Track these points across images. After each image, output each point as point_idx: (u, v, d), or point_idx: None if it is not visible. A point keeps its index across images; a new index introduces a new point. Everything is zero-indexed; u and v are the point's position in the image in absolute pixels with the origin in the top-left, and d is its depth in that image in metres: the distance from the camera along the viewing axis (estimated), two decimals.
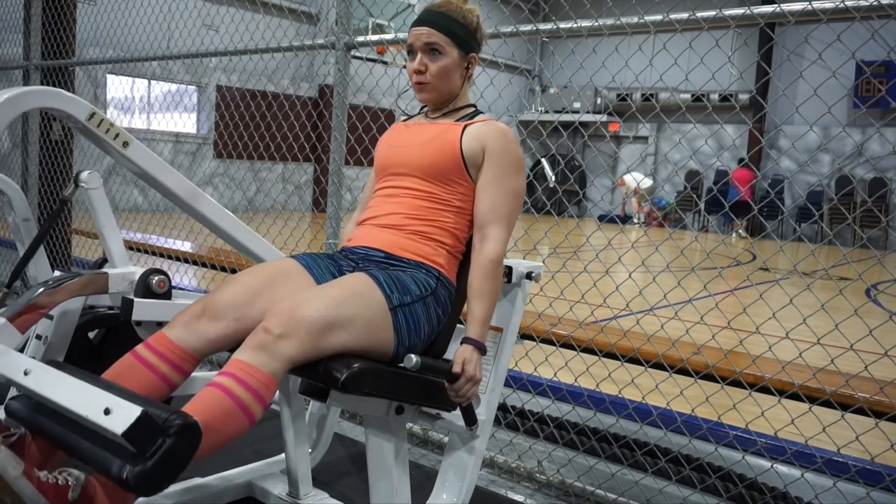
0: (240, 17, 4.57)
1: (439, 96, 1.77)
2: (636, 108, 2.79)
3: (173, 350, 1.48)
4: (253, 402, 1.33)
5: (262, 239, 2.21)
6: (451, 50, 1.72)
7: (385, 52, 5.51)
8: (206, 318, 1.50)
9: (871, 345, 2.02)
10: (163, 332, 1.51)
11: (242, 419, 1.33)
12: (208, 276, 5.33)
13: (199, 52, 3.61)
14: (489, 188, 1.69)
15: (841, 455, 2.08)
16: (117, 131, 1.91)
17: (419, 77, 1.74)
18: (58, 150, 4.85)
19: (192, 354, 1.50)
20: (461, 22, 1.73)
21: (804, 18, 1.90)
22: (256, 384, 1.34)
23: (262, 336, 1.38)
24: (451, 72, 1.74)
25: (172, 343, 1.49)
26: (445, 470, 1.82)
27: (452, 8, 1.74)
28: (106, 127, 1.89)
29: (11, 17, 5.25)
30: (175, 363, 1.48)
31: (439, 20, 1.72)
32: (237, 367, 1.35)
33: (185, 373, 1.51)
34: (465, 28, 1.73)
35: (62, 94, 1.83)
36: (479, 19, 1.78)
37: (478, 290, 1.62)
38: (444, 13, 1.73)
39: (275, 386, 1.37)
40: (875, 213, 12.78)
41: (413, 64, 1.74)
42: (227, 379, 1.33)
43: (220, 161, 13.61)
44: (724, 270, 8.15)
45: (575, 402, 2.57)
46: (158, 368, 1.46)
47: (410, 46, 1.75)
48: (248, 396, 1.33)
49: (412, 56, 1.75)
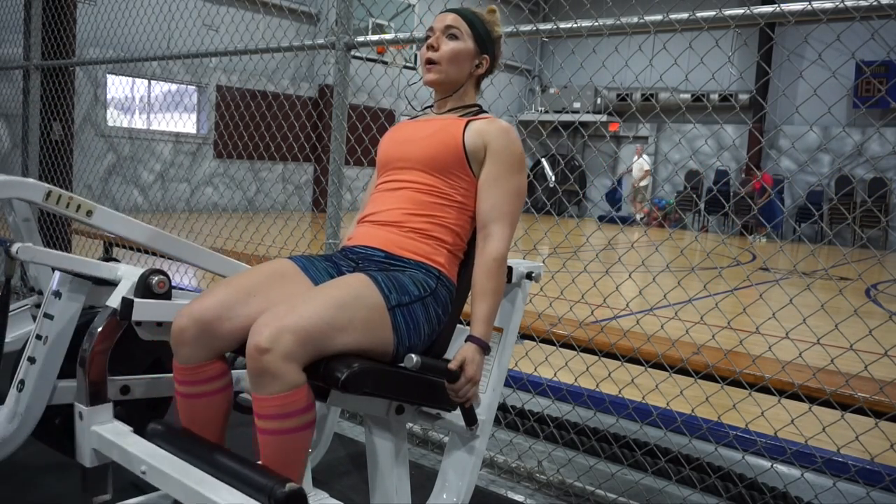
0: (240, 17, 4.57)
1: (446, 78, 1.78)
2: (636, 108, 2.79)
3: (192, 371, 1.54)
4: (296, 420, 1.40)
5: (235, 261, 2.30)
6: (468, 40, 1.78)
7: (385, 52, 5.51)
8: (194, 329, 1.50)
9: (871, 345, 2.02)
10: (175, 363, 1.56)
11: (303, 436, 1.43)
12: (208, 276, 5.33)
13: (199, 52, 3.61)
14: (492, 186, 1.69)
15: (841, 455, 2.08)
16: (78, 203, 1.97)
17: (430, 54, 1.77)
18: (58, 150, 4.85)
19: (207, 363, 1.54)
20: (485, 26, 1.81)
21: (804, 18, 1.90)
22: (286, 409, 1.38)
23: (255, 359, 1.36)
24: (462, 58, 1.77)
25: (188, 367, 1.54)
26: (445, 470, 1.82)
27: (479, 13, 1.83)
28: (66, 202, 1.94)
29: (11, 17, 5.25)
30: (203, 379, 1.55)
31: (466, 13, 1.80)
32: (261, 405, 1.39)
33: (225, 373, 1.58)
34: (486, 32, 1.81)
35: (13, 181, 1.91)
36: (500, 37, 1.85)
37: (481, 289, 1.62)
38: (472, 12, 1.82)
39: (301, 392, 1.39)
40: (875, 213, 12.78)
41: (430, 40, 1.78)
42: (264, 422, 1.40)
43: (220, 161, 13.61)
44: (723, 270, 8.15)
45: (575, 402, 2.57)
46: (201, 392, 1.55)
47: (431, 29, 1.81)
48: (290, 422, 1.40)
49: (427, 43, 1.80)
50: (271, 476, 1.36)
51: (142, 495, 1.88)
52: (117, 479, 1.78)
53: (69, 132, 4.92)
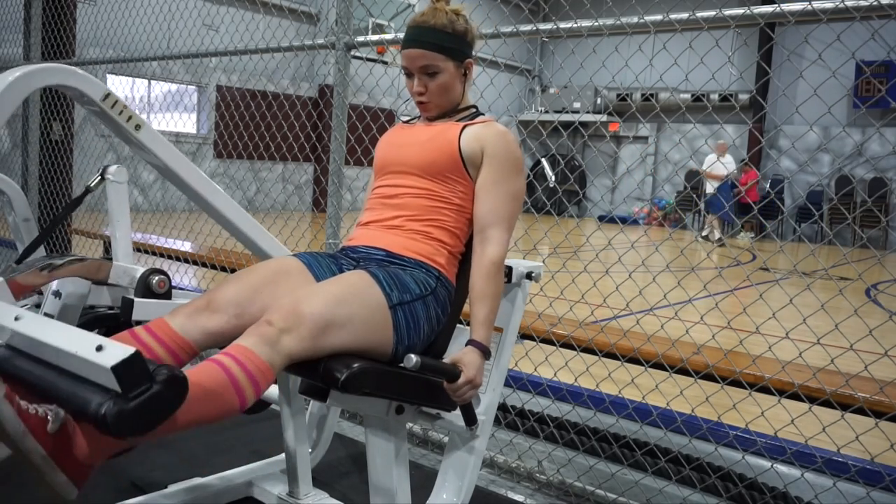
0: (240, 17, 4.57)
1: (443, 110, 1.78)
2: (636, 108, 2.79)
3: (172, 337, 1.47)
4: (248, 384, 1.32)
5: (269, 234, 2.18)
6: (446, 65, 1.72)
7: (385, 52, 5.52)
8: (209, 312, 1.50)
9: (871, 345, 2.02)
10: (164, 319, 1.49)
11: (234, 398, 1.30)
12: (208, 276, 5.33)
13: (199, 52, 3.61)
14: (489, 190, 1.69)
15: (841, 455, 2.08)
16: (130, 114, 1.89)
17: (421, 98, 1.75)
18: (58, 150, 4.85)
19: (189, 345, 1.48)
20: (450, 32, 1.71)
21: (804, 18, 1.90)
22: (254, 369, 1.33)
23: (264, 328, 1.38)
24: (450, 86, 1.75)
25: (172, 330, 1.48)
26: (445, 470, 1.83)
27: (438, 18, 1.71)
28: (119, 108, 1.87)
29: (11, 17, 5.25)
30: (172, 350, 1.46)
31: (428, 37, 1.70)
32: (238, 350, 1.34)
33: (181, 362, 1.49)
34: (454, 37, 1.71)
35: (77, 72, 1.78)
36: (466, 21, 1.75)
37: (480, 293, 1.62)
38: (431, 28, 1.70)
39: (271, 376, 1.36)
40: (875, 213, 12.78)
41: (413, 86, 1.75)
42: (226, 358, 1.32)
43: (220, 161, 13.61)
44: (723, 270, 8.15)
45: (575, 402, 2.57)
46: (155, 351, 1.44)
47: (406, 69, 1.76)
48: (244, 378, 1.31)
49: (409, 78, 1.76)
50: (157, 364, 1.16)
51: (142, 495, 1.88)
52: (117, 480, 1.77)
53: (69, 132, 4.93)
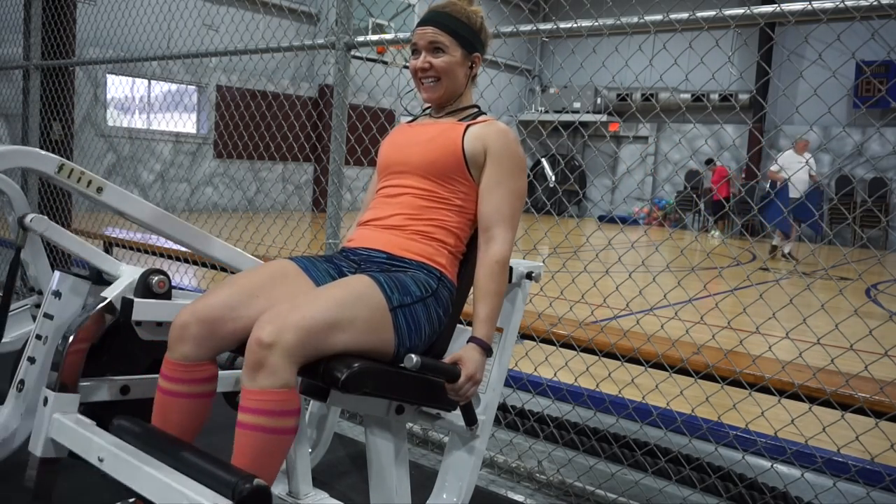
0: (240, 17, 4.57)
1: (444, 93, 1.77)
2: (636, 108, 2.79)
3: (186, 369, 1.52)
4: (282, 421, 1.38)
5: (239, 251, 2.23)
6: (454, 49, 1.74)
7: (385, 52, 5.50)
8: (197, 327, 1.50)
9: (871, 345, 2.02)
10: (167, 358, 1.54)
11: (284, 440, 1.40)
12: (208, 276, 5.33)
13: (199, 52, 3.61)
14: (493, 190, 1.70)
15: (841, 455, 2.08)
16: (89, 178, 1.95)
17: (424, 73, 1.75)
18: (58, 150, 4.85)
19: (203, 363, 1.53)
20: (465, 22, 1.75)
21: (804, 18, 1.90)
22: (274, 406, 1.37)
23: (255, 352, 1.37)
24: (454, 69, 1.75)
25: (180, 365, 1.52)
26: (445, 470, 1.82)
27: (457, 9, 1.75)
28: (77, 176, 1.93)
29: (11, 17, 5.25)
30: (196, 379, 1.53)
31: (443, 20, 1.73)
32: (249, 399, 1.38)
33: (212, 376, 1.56)
34: (468, 28, 1.75)
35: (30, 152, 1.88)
36: (483, 21, 1.79)
37: (483, 291, 1.63)
38: (449, 13, 1.74)
39: (293, 393, 1.39)
40: (875, 213, 12.78)
41: (417, 62, 1.76)
42: (248, 416, 1.37)
43: (220, 161, 13.61)
44: (723, 270, 8.15)
45: (575, 402, 2.57)
46: (188, 392, 1.53)
47: (414, 45, 1.77)
48: (275, 421, 1.37)
49: (416, 55, 1.77)
50: (238, 472, 1.29)
51: None
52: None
53: (69, 132, 4.92)
